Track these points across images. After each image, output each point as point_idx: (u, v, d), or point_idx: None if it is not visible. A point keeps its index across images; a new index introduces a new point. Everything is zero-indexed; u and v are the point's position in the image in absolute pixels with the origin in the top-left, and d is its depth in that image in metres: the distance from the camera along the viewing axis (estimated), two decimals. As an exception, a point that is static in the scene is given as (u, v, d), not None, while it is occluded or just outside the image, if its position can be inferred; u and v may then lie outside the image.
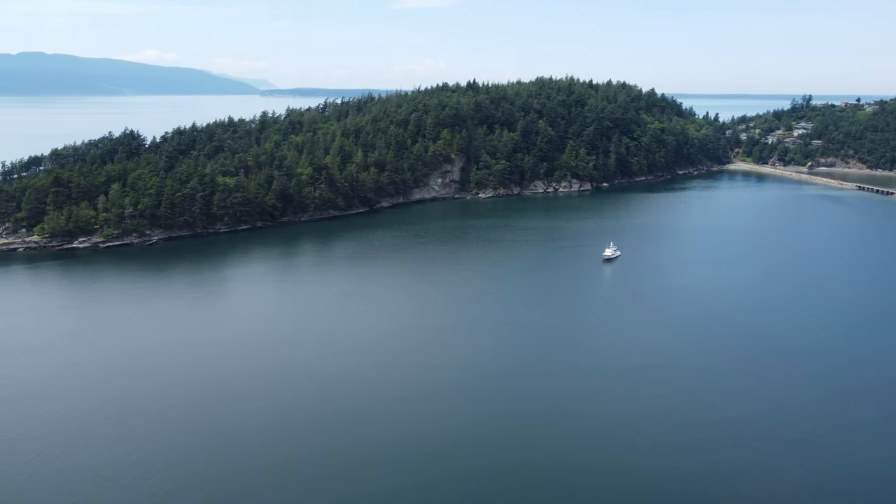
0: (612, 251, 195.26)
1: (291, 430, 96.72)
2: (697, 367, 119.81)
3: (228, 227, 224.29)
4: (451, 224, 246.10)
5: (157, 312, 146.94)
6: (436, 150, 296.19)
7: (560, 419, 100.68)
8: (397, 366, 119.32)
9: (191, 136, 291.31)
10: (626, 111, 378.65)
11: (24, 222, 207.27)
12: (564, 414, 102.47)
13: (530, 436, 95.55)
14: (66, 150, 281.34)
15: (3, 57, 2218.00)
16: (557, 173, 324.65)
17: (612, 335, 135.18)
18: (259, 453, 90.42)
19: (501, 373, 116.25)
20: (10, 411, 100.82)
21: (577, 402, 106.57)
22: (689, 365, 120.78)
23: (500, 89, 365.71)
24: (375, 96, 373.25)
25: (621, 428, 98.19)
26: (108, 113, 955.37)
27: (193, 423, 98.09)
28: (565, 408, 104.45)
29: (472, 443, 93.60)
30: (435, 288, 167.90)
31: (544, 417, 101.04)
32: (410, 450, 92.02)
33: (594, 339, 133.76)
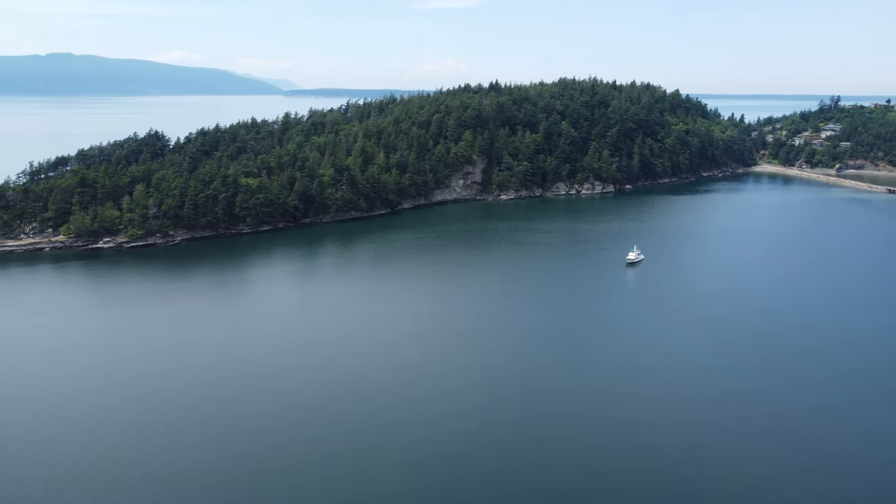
0: (635, 254, 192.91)
1: (311, 430, 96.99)
2: (723, 370, 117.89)
3: (251, 227, 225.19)
4: (473, 226, 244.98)
5: (180, 313, 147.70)
6: (458, 152, 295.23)
7: (581, 422, 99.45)
8: (417, 368, 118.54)
9: (214, 137, 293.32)
10: (650, 112, 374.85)
11: (50, 222, 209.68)
12: (585, 417, 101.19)
13: (551, 438, 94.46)
14: (92, 151, 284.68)
15: (33, 58, 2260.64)
16: (580, 175, 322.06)
17: (635, 339, 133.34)
18: (277, 453, 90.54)
19: (522, 377, 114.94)
20: (36, 410, 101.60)
21: (599, 406, 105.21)
22: (714, 368, 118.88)
23: (522, 90, 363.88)
24: (398, 97, 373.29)
25: (644, 431, 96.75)
26: (133, 113, 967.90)
27: (214, 422, 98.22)
28: (587, 411, 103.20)
29: (492, 445, 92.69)
30: (456, 290, 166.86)
31: (565, 420, 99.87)
32: (430, 451, 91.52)
33: (617, 344, 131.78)
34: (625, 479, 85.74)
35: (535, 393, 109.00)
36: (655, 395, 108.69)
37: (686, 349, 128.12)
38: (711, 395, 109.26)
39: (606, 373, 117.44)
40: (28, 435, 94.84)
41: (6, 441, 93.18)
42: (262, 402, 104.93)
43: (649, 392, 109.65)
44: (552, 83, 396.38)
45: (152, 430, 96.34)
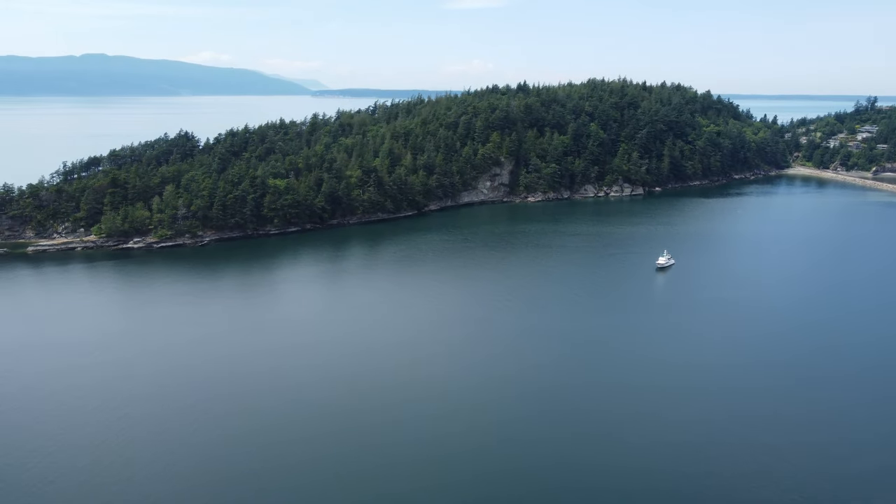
0: (665, 259, 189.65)
1: (332, 428, 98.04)
2: (756, 390, 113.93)
3: (278, 228, 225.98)
4: (500, 229, 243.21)
5: (207, 314, 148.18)
6: (485, 153, 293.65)
7: (603, 441, 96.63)
8: (441, 375, 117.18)
9: (243, 138, 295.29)
10: (681, 114, 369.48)
11: (82, 222, 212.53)
12: (607, 436, 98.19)
13: (571, 459, 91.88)
14: (124, 151, 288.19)
15: (68, 59, 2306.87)
16: (609, 177, 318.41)
17: (664, 350, 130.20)
18: (296, 451, 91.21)
19: (547, 388, 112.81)
20: (61, 405, 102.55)
21: (623, 424, 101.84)
22: (747, 387, 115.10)
23: (550, 91, 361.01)
24: (425, 98, 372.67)
25: (669, 453, 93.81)
26: (164, 113, 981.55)
27: (235, 420, 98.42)
28: (609, 430, 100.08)
29: (515, 447, 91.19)
30: (483, 294, 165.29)
31: (587, 439, 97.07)
32: (454, 451, 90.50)
33: (645, 355, 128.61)
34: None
35: (557, 408, 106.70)
36: (682, 415, 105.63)
37: (716, 365, 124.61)
38: (745, 416, 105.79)
39: (632, 388, 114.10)
40: (53, 429, 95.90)
41: (33, 435, 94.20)
42: (285, 402, 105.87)
43: (676, 412, 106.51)
44: (581, 84, 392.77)
45: (171, 427, 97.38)
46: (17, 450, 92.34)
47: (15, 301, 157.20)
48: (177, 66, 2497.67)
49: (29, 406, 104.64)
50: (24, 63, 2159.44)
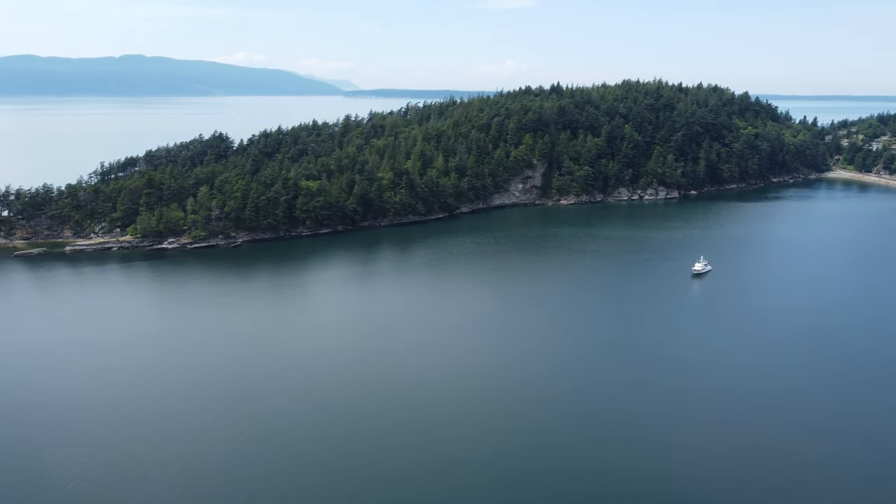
0: (702, 265, 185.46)
1: (358, 431, 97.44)
2: (795, 397, 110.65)
3: (310, 230, 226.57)
4: (532, 232, 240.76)
5: (239, 316, 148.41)
6: (517, 156, 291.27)
7: (641, 447, 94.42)
8: (471, 379, 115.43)
9: (276, 139, 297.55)
10: (718, 115, 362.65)
11: (118, 222, 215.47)
12: (645, 441, 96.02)
13: (609, 464, 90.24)
14: (160, 152, 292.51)
15: (107, 60, 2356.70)
16: (643, 180, 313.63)
17: (700, 357, 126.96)
18: (319, 451, 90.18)
19: (581, 395, 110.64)
20: (93, 406, 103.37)
21: (661, 430, 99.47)
22: (786, 393, 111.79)
23: (584, 93, 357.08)
24: (457, 100, 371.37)
25: (706, 460, 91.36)
26: (199, 113, 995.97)
27: (259, 421, 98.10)
28: (646, 435, 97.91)
29: (548, 468, 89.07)
30: (514, 299, 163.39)
31: (626, 444, 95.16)
32: (479, 461, 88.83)
33: (681, 362, 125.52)
34: None
35: (593, 414, 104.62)
36: (721, 421, 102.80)
37: (755, 372, 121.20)
38: (787, 423, 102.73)
39: (669, 394, 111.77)
40: (84, 427, 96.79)
41: (64, 432, 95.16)
42: (312, 404, 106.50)
43: (715, 417, 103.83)
44: (615, 85, 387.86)
45: (197, 428, 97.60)
46: (46, 448, 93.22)
47: (53, 301, 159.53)
48: (212, 66, 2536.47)
49: (61, 404, 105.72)
50: (66, 64, 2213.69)
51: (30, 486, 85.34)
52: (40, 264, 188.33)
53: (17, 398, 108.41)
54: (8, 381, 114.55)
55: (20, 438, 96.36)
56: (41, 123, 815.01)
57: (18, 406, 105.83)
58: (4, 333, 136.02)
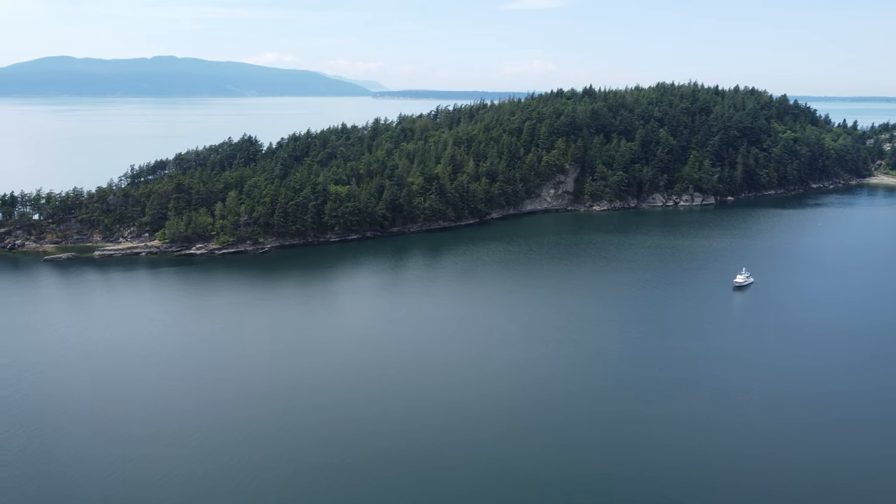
0: (744, 277, 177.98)
1: (389, 447, 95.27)
2: (844, 429, 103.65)
3: (339, 236, 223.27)
4: (565, 239, 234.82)
5: (266, 325, 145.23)
6: (549, 160, 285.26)
7: (668, 483, 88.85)
8: (501, 397, 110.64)
9: (305, 143, 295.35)
10: (756, 119, 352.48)
11: (147, 227, 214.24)
12: (671, 470, 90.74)
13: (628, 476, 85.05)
14: (189, 155, 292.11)
15: (140, 61, 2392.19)
16: (678, 186, 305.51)
17: (744, 380, 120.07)
18: (344, 454, 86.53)
19: (611, 418, 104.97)
20: (117, 414, 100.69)
21: (692, 464, 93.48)
22: (836, 424, 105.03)
23: (618, 96, 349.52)
24: (488, 102, 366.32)
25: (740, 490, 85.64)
26: (229, 114, 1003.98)
27: (282, 434, 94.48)
28: (675, 467, 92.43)
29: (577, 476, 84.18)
30: (549, 310, 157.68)
31: (654, 482, 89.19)
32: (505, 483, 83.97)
33: (722, 382, 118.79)
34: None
35: (623, 441, 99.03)
36: (767, 456, 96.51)
37: (802, 394, 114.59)
38: (840, 460, 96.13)
39: (708, 423, 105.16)
40: (110, 435, 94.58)
41: (101, 436, 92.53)
42: (341, 414, 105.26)
43: (761, 451, 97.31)
44: (649, 88, 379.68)
45: (222, 435, 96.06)
46: (80, 453, 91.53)
47: (82, 308, 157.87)
48: (242, 67, 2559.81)
49: (89, 411, 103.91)
50: (100, 65, 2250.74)
51: (68, 490, 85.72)
52: (69, 269, 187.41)
53: (51, 404, 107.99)
54: (40, 388, 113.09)
55: (58, 443, 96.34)
56: (75, 124, 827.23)
57: (52, 412, 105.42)
58: (34, 340, 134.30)
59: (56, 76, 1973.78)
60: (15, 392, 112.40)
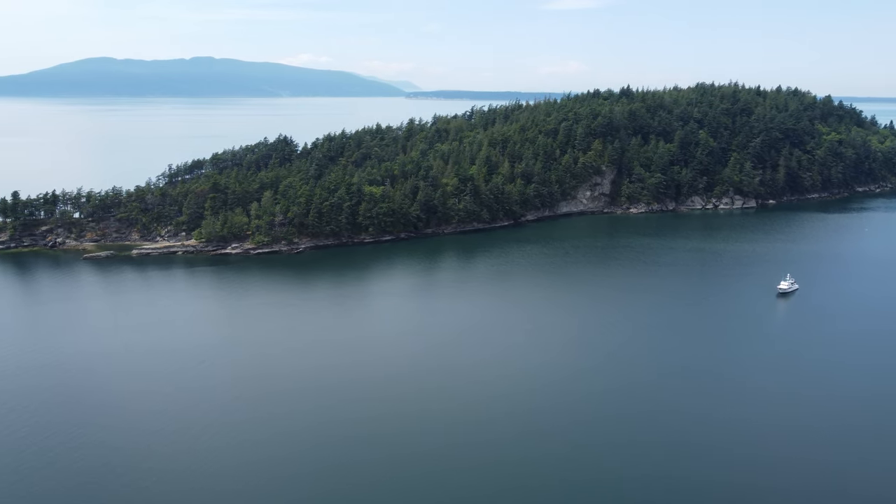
0: (788, 284, 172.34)
1: (422, 449, 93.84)
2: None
3: (373, 237, 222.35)
4: (602, 242, 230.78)
5: (299, 327, 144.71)
6: (586, 162, 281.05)
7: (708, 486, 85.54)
8: (531, 407, 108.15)
9: (340, 143, 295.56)
10: (799, 120, 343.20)
11: (184, 226, 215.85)
12: (712, 480, 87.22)
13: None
14: (225, 155, 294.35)
15: (178, 62, 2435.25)
16: (718, 188, 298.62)
17: (787, 389, 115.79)
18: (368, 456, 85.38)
19: (647, 424, 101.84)
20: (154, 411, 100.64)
21: (730, 468, 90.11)
22: (888, 438, 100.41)
23: (656, 96, 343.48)
24: (523, 103, 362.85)
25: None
26: (265, 115, 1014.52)
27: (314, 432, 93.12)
28: (714, 473, 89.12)
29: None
30: (584, 316, 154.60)
31: (691, 482, 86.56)
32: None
33: (764, 393, 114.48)
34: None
35: (658, 458, 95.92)
36: (806, 473, 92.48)
37: (852, 409, 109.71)
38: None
39: (745, 423, 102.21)
40: (146, 432, 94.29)
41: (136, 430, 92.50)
42: (371, 416, 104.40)
43: (799, 469, 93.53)
44: (688, 88, 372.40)
45: (250, 434, 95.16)
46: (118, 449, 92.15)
47: (121, 306, 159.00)
48: (278, 68, 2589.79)
49: (124, 406, 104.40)
50: (140, 66, 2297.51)
51: (105, 484, 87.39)
52: (108, 267, 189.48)
53: (88, 398, 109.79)
54: (80, 383, 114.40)
55: (95, 440, 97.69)
56: (114, 124, 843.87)
57: (92, 407, 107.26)
58: (75, 338, 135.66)
59: (97, 77, 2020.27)
60: (57, 386, 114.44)
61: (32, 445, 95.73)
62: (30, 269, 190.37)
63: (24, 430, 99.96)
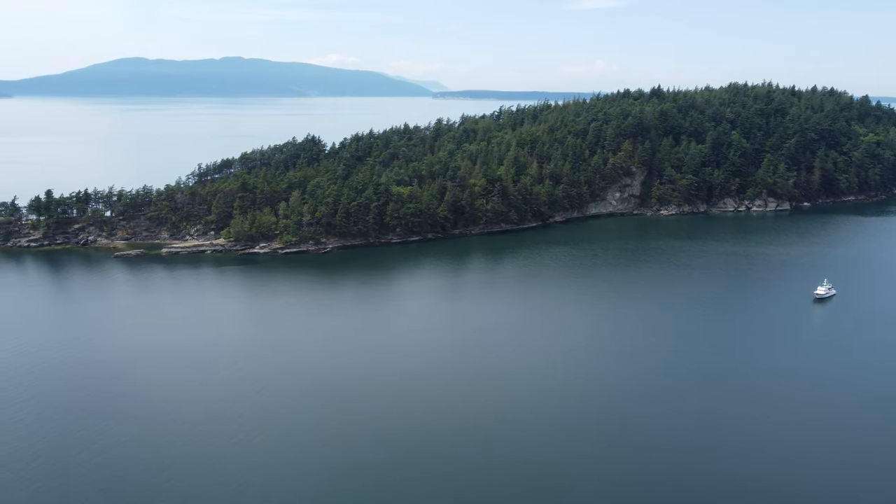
0: (825, 289, 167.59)
1: (447, 462, 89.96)
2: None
3: (400, 237, 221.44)
4: (632, 244, 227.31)
5: (326, 328, 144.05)
6: (615, 163, 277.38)
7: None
8: (558, 418, 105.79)
9: (367, 143, 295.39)
10: (835, 121, 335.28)
11: (212, 225, 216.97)
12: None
13: None
14: (254, 155, 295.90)
15: (208, 62, 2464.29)
16: (751, 190, 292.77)
17: (823, 400, 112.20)
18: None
19: (673, 431, 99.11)
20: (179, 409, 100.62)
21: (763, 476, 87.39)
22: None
23: (687, 96, 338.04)
24: (551, 103, 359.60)
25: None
26: (293, 114, 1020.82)
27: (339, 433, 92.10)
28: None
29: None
30: (613, 321, 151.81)
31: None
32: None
33: (799, 404, 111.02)
34: None
35: (687, 475, 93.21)
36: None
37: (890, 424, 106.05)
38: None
39: (786, 450, 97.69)
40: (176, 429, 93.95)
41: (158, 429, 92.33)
42: (398, 422, 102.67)
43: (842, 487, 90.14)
44: (720, 88, 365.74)
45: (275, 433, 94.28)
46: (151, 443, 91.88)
47: (151, 305, 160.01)
48: (306, 68, 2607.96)
49: (152, 403, 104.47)
50: (171, 66, 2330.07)
51: (139, 481, 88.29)
52: (138, 266, 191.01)
53: (119, 394, 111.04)
54: (111, 379, 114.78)
55: (125, 433, 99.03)
56: (146, 123, 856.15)
57: (119, 402, 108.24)
58: (107, 335, 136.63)
59: (130, 77, 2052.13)
60: (91, 382, 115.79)
61: (64, 437, 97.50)
62: (63, 266, 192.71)
63: (57, 423, 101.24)
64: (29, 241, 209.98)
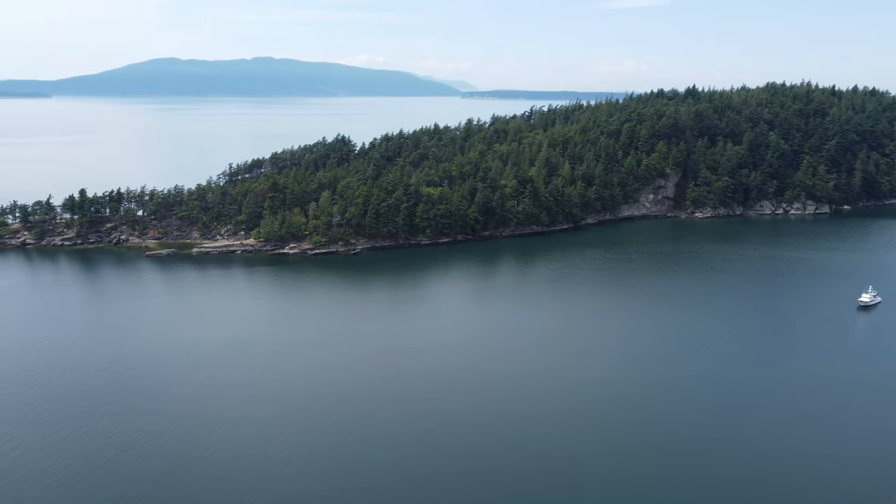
0: (870, 296, 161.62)
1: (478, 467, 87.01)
2: None
3: (430, 239, 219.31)
4: (666, 248, 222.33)
5: (355, 331, 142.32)
6: (649, 164, 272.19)
7: None
8: (590, 419, 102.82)
9: (397, 143, 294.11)
10: (877, 122, 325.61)
11: (243, 225, 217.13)
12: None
13: None
14: (284, 155, 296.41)
15: (240, 62, 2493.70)
16: (789, 193, 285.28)
17: (866, 411, 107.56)
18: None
19: (712, 459, 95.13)
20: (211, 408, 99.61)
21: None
22: None
23: (723, 96, 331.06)
24: (583, 103, 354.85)
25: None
26: (323, 114, 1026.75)
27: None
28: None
29: None
30: (648, 326, 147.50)
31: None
32: None
33: (840, 415, 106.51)
34: None
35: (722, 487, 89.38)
36: None
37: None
38: None
39: (820, 450, 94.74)
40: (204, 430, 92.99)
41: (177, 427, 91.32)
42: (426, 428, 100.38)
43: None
44: (758, 88, 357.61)
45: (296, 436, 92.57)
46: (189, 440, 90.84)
47: (183, 305, 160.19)
48: (336, 68, 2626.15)
49: (181, 403, 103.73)
50: (203, 66, 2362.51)
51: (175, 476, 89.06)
52: (169, 265, 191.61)
53: (148, 391, 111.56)
54: (139, 377, 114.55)
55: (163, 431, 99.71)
56: (179, 123, 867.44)
57: (147, 400, 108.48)
58: (137, 334, 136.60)
59: (163, 77, 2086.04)
60: (119, 379, 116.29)
61: (94, 432, 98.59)
62: (96, 265, 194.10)
63: (91, 419, 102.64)
64: (63, 239, 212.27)
